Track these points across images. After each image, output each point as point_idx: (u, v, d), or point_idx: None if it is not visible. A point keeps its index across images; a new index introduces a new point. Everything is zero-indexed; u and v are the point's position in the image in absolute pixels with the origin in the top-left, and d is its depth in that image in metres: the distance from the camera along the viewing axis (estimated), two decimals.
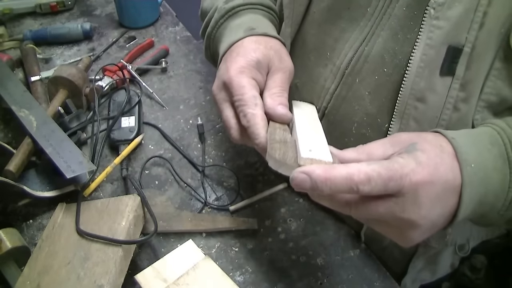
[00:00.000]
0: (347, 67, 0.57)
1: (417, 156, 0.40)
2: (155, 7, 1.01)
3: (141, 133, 0.76)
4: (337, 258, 0.62)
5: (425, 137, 0.43)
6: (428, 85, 0.49)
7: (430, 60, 0.48)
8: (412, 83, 0.50)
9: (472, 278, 0.77)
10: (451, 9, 0.46)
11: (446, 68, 0.48)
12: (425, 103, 0.50)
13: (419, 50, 0.49)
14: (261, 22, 0.60)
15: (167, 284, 0.53)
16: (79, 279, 0.54)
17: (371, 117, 0.56)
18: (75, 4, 1.06)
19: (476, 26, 0.45)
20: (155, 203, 0.66)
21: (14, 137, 0.76)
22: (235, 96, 0.50)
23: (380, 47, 0.54)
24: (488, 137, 0.45)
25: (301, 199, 0.69)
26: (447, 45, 0.47)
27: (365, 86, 0.56)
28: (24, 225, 0.66)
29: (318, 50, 0.60)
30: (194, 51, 0.94)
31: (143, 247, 0.63)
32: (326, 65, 0.59)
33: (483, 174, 0.42)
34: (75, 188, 0.66)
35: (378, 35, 0.54)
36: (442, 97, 0.49)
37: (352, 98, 0.57)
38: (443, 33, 0.47)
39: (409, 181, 0.38)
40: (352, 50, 0.56)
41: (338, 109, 0.59)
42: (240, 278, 0.61)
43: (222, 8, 0.62)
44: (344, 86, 0.58)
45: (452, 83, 0.48)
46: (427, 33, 0.48)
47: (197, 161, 0.74)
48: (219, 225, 0.65)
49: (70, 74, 0.77)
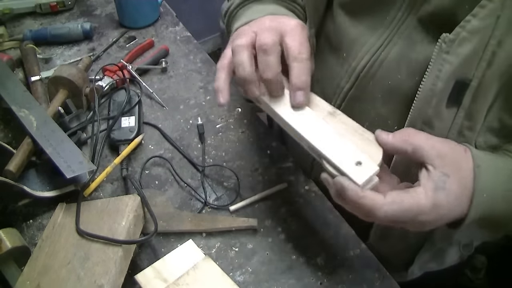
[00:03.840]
0: (362, 69, 0.58)
1: (438, 198, 0.44)
2: (155, 7, 1.01)
3: (141, 133, 0.76)
4: (337, 258, 0.62)
5: (460, 165, 0.46)
6: (435, 113, 0.51)
7: (438, 91, 0.49)
8: (420, 110, 0.51)
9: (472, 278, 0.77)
10: (461, 47, 0.47)
11: (453, 100, 0.49)
12: (431, 128, 0.52)
13: (429, 80, 0.50)
14: (283, 11, 0.60)
15: (167, 284, 0.53)
16: (79, 279, 0.54)
17: (382, 118, 0.58)
18: (75, 4, 1.06)
19: (484, 64, 0.46)
20: (155, 203, 0.66)
21: (14, 137, 0.76)
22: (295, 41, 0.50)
23: (396, 54, 0.55)
24: (509, 168, 0.49)
25: (301, 199, 0.69)
26: (455, 79, 0.48)
27: (378, 89, 0.57)
28: (24, 225, 0.66)
29: (336, 50, 0.61)
30: (194, 51, 0.94)
31: (143, 247, 0.63)
32: (342, 65, 0.60)
33: (490, 202, 0.47)
34: (75, 188, 0.66)
35: (395, 43, 0.55)
36: (448, 125, 0.51)
37: (365, 99, 0.59)
38: (452, 68, 0.48)
39: (418, 221, 0.44)
40: (368, 54, 0.57)
41: (351, 108, 0.60)
42: (240, 278, 0.61)
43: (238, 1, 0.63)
44: (358, 87, 0.59)
45: (457, 113, 0.50)
46: (437, 66, 0.49)
47: (197, 161, 0.74)
48: (219, 225, 0.65)
49: (70, 74, 0.77)
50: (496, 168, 0.48)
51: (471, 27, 0.45)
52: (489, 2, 0.44)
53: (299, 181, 0.71)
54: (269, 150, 0.75)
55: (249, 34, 0.51)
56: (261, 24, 0.53)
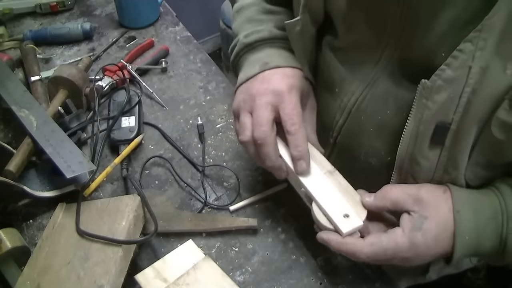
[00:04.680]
0: (353, 105, 0.60)
1: (415, 237, 0.49)
2: (155, 7, 1.01)
3: (141, 133, 0.76)
4: (337, 258, 0.62)
5: (438, 207, 0.50)
6: (420, 153, 0.53)
7: (421, 133, 0.52)
8: (407, 148, 0.54)
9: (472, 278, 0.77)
10: (438, 94, 0.48)
11: (436, 141, 0.51)
12: (418, 165, 0.54)
13: (412, 122, 0.52)
14: (276, 56, 0.64)
15: (167, 284, 0.53)
16: (79, 279, 0.54)
17: (376, 149, 0.60)
18: (75, 4, 1.06)
19: (461, 110, 0.48)
20: (155, 203, 0.66)
21: (14, 137, 0.76)
22: (287, 105, 0.57)
23: (383, 91, 0.57)
24: (490, 210, 0.50)
25: (301, 199, 0.69)
26: (435, 123, 0.50)
27: (370, 123, 0.59)
28: (24, 225, 0.66)
29: (329, 85, 0.64)
30: (194, 51, 0.95)
31: (143, 247, 0.63)
32: (335, 100, 0.62)
33: (475, 242, 0.50)
34: (75, 188, 0.66)
35: (382, 80, 0.57)
36: (433, 163, 0.53)
37: (358, 132, 0.61)
38: (431, 113, 0.50)
39: (400, 258, 0.50)
40: (358, 91, 0.59)
41: (347, 140, 0.63)
42: (240, 278, 0.61)
43: (242, 43, 0.67)
44: (351, 121, 0.61)
45: (441, 153, 0.52)
46: (419, 109, 0.50)
47: (197, 161, 0.74)
48: (219, 225, 0.65)
49: (70, 74, 0.77)
50: (476, 211, 0.50)
51: (446, 76, 0.47)
52: (461, 53, 0.45)
53: None
54: None
55: (246, 118, 0.58)
56: (254, 95, 0.59)
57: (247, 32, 0.67)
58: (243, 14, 0.72)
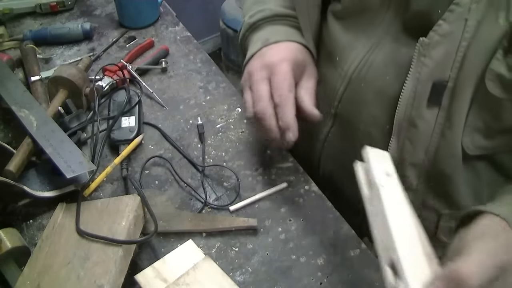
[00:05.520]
0: (353, 72, 0.61)
1: None
2: (155, 7, 1.01)
3: (141, 133, 0.76)
4: (337, 258, 0.62)
5: None
6: (418, 114, 0.54)
7: (418, 93, 0.53)
8: (405, 111, 0.54)
9: None
10: (435, 50, 0.50)
11: (433, 100, 0.52)
12: (416, 128, 0.55)
13: (410, 83, 0.53)
14: (277, 32, 0.66)
15: (167, 284, 0.54)
16: (79, 279, 0.54)
17: (375, 119, 0.60)
18: (75, 4, 1.06)
19: (457, 65, 0.49)
20: (155, 203, 0.66)
21: (14, 137, 0.76)
22: (277, 77, 0.58)
23: (383, 57, 0.58)
24: None
25: (301, 199, 0.69)
26: (432, 81, 0.51)
27: (369, 91, 0.60)
28: (24, 225, 0.66)
29: (330, 54, 0.65)
30: (194, 51, 0.94)
31: (143, 247, 0.63)
32: (336, 68, 0.64)
33: None
34: (75, 188, 0.66)
35: (382, 46, 0.58)
36: (431, 125, 0.54)
37: (358, 101, 0.61)
38: (429, 70, 0.51)
39: None
40: (358, 58, 0.60)
41: (347, 109, 0.64)
42: (240, 278, 0.61)
43: (247, 23, 0.70)
44: (351, 90, 0.62)
45: (439, 113, 0.53)
46: (417, 68, 0.52)
47: (197, 161, 0.74)
48: (219, 225, 0.65)
49: (70, 74, 0.77)
50: None
51: (442, 30, 0.48)
52: (457, 7, 0.47)
53: (299, 181, 0.71)
54: (269, 150, 0.75)
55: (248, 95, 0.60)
56: (252, 72, 0.61)
57: (252, 13, 0.70)
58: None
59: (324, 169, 0.75)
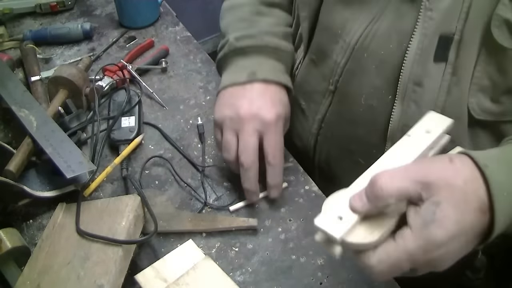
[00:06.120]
0: (356, 43, 0.61)
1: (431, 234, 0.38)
2: (155, 7, 1.01)
3: (141, 133, 0.76)
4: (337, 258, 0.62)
5: (449, 183, 0.39)
6: (424, 71, 0.54)
7: (425, 48, 0.53)
8: (410, 69, 0.55)
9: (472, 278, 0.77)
10: (441, 1, 0.51)
11: (439, 55, 0.53)
12: (422, 87, 0.55)
13: (416, 38, 0.54)
14: (265, 66, 0.67)
15: (167, 284, 0.54)
16: (79, 279, 0.54)
17: (377, 90, 0.61)
18: (75, 4, 1.06)
19: (463, 16, 0.50)
20: (155, 203, 0.66)
21: (14, 137, 0.76)
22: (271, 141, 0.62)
23: (386, 26, 0.58)
24: None
25: (301, 199, 0.69)
26: (439, 34, 0.52)
27: (372, 60, 0.61)
28: (24, 225, 0.66)
29: (330, 28, 0.65)
30: (194, 51, 0.94)
31: (143, 247, 0.63)
32: (337, 42, 0.64)
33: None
34: (75, 188, 0.66)
35: (385, 15, 0.58)
36: (437, 82, 0.54)
37: (360, 72, 0.62)
38: (435, 24, 0.52)
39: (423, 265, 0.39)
40: (361, 28, 0.61)
41: (348, 82, 0.64)
42: (240, 278, 0.61)
43: (232, 45, 0.69)
44: (353, 61, 0.63)
45: (445, 68, 0.53)
46: (423, 23, 0.53)
47: (197, 161, 0.74)
48: (219, 225, 0.65)
49: (70, 74, 0.77)
50: (507, 161, 0.42)
51: None
52: None
53: (299, 181, 0.71)
54: None
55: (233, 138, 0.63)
56: (243, 119, 0.62)
57: (239, 35, 0.69)
58: (234, 13, 0.74)
59: (320, 157, 0.75)
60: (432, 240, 0.38)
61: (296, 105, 0.75)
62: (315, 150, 0.75)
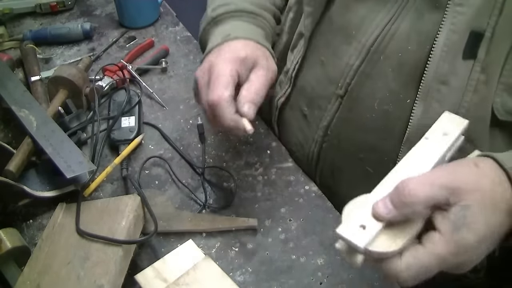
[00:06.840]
0: (372, 44, 0.58)
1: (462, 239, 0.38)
2: (155, 7, 1.01)
3: (141, 133, 0.76)
4: (337, 258, 0.62)
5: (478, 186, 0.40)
6: (451, 68, 0.52)
7: (453, 44, 0.51)
8: (436, 67, 0.52)
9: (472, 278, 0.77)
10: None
11: (468, 52, 0.50)
12: (448, 85, 0.52)
13: (443, 34, 0.51)
14: (239, 28, 0.64)
15: (167, 284, 0.54)
16: (79, 279, 0.54)
17: (394, 94, 0.58)
18: (75, 4, 1.06)
19: (496, 12, 0.48)
20: (155, 203, 0.66)
21: (14, 137, 0.76)
22: (212, 77, 0.56)
23: (406, 26, 0.56)
24: None
25: (301, 199, 0.69)
26: (469, 30, 0.50)
27: (389, 63, 0.58)
28: (24, 225, 0.66)
29: (343, 29, 0.62)
30: (194, 51, 0.94)
31: (143, 247, 0.63)
32: (350, 43, 0.61)
33: None
34: (75, 188, 0.66)
35: (404, 16, 0.56)
36: (464, 80, 0.52)
37: (375, 75, 0.59)
38: (465, 19, 0.50)
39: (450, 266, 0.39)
40: (378, 29, 0.58)
41: (361, 85, 0.61)
42: (240, 278, 0.61)
43: (209, 17, 0.68)
44: (368, 63, 0.59)
45: (474, 66, 0.51)
46: (451, 19, 0.50)
47: (197, 161, 0.74)
48: (219, 225, 0.65)
49: (70, 74, 0.77)
50: None
51: None
52: None
53: (299, 181, 0.71)
54: (269, 150, 0.75)
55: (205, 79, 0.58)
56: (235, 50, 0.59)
57: (215, 6, 0.68)
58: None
59: (323, 166, 0.71)
60: (464, 244, 0.38)
61: (297, 111, 0.71)
62: (318, 159, 0.71)
